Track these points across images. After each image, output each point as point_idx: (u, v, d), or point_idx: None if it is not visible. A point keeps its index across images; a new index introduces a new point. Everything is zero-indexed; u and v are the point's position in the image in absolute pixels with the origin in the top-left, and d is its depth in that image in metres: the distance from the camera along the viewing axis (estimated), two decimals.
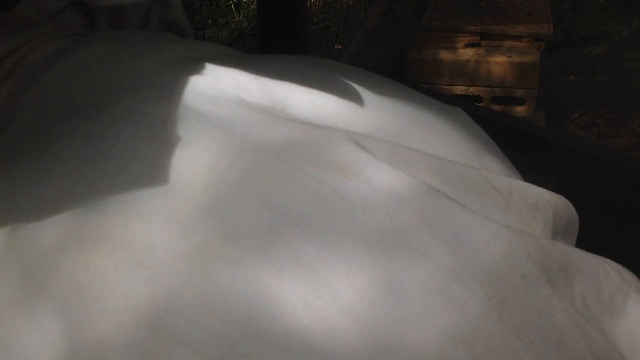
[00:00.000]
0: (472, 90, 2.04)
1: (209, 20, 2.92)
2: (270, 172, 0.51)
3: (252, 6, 2.97)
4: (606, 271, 0.57)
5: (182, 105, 0.57)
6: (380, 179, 0.53)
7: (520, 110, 2.01)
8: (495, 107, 2.02)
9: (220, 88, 0.61)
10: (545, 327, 0.49)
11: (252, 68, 0.66)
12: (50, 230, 0.47)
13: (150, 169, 0.50)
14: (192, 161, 0.51)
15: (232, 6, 2.97)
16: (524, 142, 0.98)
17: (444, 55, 2.03)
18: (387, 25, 2.77)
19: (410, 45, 2.12)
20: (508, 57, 2.00)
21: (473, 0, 2.22)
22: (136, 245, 0.45)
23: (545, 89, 2.35)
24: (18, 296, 0.44)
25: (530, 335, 0.48)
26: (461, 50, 2.04)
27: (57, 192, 0.50)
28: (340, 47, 2.62)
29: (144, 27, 0.88)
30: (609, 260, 0.59)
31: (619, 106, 2.34)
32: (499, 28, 2.06)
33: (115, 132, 0.54)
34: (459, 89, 2.04)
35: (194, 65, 0.64)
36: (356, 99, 0.64)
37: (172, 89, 0.60)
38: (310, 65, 0.72)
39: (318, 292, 0.44)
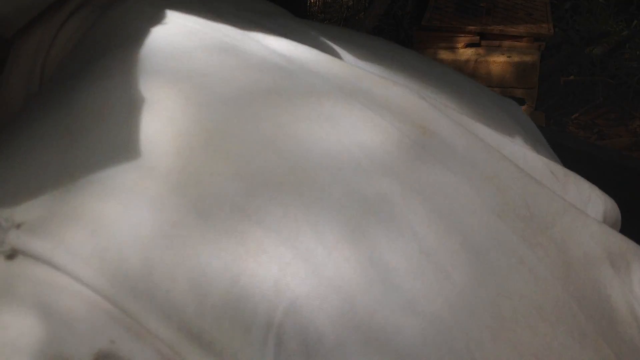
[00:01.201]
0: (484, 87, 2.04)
1: None
2: (242, 129, 0.50)
3: None
4: None
5: (144, 55, 0.56)
6: (361, 131, 0.52)
7: None
8: None
9: (188, 29, 0.59)
10: (603, 306, 0.50)
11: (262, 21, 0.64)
12: (31, 213, 0.46)
13: (121, 136, 0.49)
14: (162, 124, 0.50)
15: None
16: None
17: (444, 55, 2.03)
18: (387, 25, 2.77)
19: (410, 45, 2.12)
20: (508, 57, 2.00)
21: (473, 0, 2.22)
22: (111, 223, 0.45)
23: (545, 89, 2.35)
24: None
25: (591, 309, 0.49)
26: (461, 50, 2.05)
27: (35, 170, 0.49)
28: None
29: None
30: None
31: (619, 106, 2.34)
32: (499, 28, 2.06)
33: (84, 96, 0.53)
34: None
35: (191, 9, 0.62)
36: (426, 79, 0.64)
37: (142, 35, 0.58)
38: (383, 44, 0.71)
39: (292, 264, 0.44)
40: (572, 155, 0.97)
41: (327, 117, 0.52)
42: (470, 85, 0.71)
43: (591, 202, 0.61)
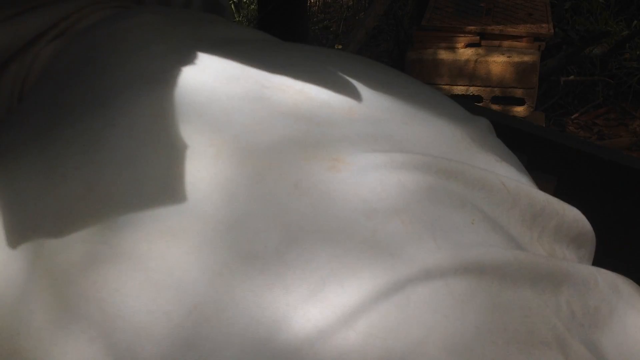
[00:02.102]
0: (472, 90, 2.04)
1: None
2: (280, 177, 0.51)
3: (252, 6, 2.97)
4: (596, 282, 0.57)
5: (184, 100, 0.56)
6: (384, 177, 0.53)
7: (520, 110, 2.01)
8: (495, 107, 2.02)
9: (225, 75, 0.60)
10: (515, 328, 0.49)
11: (273, 56, 0.65)
12: (74, 248, 0.47)
13: (161, 179, 0.50)
14: (202, 172, 0.51)
15: (232, 6, 2.97)
16: (523, 142, 0.97)
17: (444, 55, 2.03)
18: (387, 25, 2.77)
19: (410, 45, 2.12)
20: (508, 57, 2.00)
21: (473, 0, 2.22)
22: (157, 264, 0.45)
23: (545, 89, 2.35)
24: (54, 316, 0.44)
25: (494, 335, 0.48)
26: (461, 50, 2.04)
27: (69, 207, 0.49)
28: (340, 47, 2.62)
29: (187, 5, 0.87)
30: (603, 271, 0.59)
31: (619, 106, 2.34)
32: (499, 28, 2.06)
33: (112, 132, 0.53)
34: (459, 89, 2.04)
35: (218, 50, 0.64)
36: (377, 100, 0.64)
37: (176, 78, 0.59)
38: (338, 59, 0.71)
39: (324, 307, 0.45)
40: (572, 155, 0.97)
41: (347, 166, 0.53)
42: (429, 96, 0.71)
43: (543, 215, 0.60)
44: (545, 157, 0.97)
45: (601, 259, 0.64)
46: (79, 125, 0.55)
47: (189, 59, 0.62)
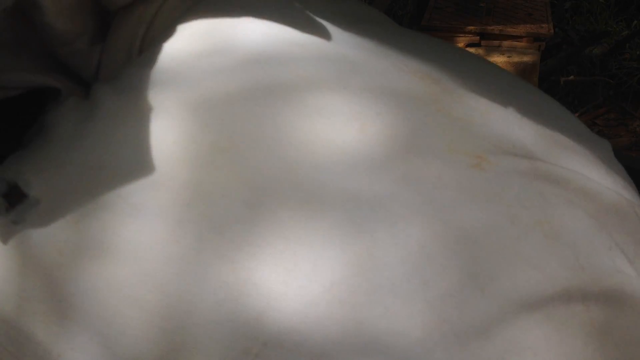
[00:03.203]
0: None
1: None
2: (242, 135, 0.50)
3: None
4: None
5: (160, 66, 0.57)
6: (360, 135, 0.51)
7: None
8: None
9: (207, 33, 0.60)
10: (613, 292, 0.47)
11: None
12: (59, 238, 0.47)
13: (135, 150, 0.50)
14: (168, 136, 0.50)
15: None
16: None
17: None
18: None
19: None
20: (508, 57, 1.99)
21: (473, 0, 2.22)
22: (135, 249, 0.45)
23: (545, 89, 2.35)
24: (49, 310, 0.44)
25: (600, 297, 0.46)
26: None
27: (61, 190, 0.50)
28: None
29: None
30: None
31: (619, 106, 2.34)
32: (499, 28, 2.05)
33: (101, 112, 0.54)
34: None
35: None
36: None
37: (157, 46, 0.59)
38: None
39: (300, 275, 0.44)
40: None
41: (322, 112, 0.52)
42: (564, 116, 0.68)
43: None
44: None
45: None
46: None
47: (179, 21, 0.61)
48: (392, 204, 0.48)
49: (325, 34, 0.61)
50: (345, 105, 0.52)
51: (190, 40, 0.59)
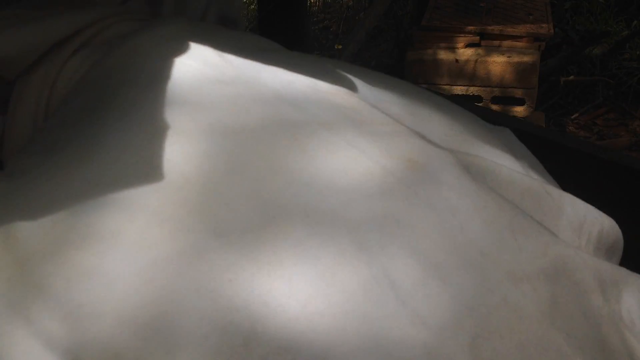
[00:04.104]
0: (472, 90, 2.04)
1: None
2: (256, 157, 0.52)
3: (252, 6, 2.97)
4: None
5: (168, 89, 0.58)
6: (373, 158, 0.53)
7: (520, 110, 2.01)
8: (495, 107, 2.02)
9: (224, 65, 0.62)
10: (594, 336, 0.49)
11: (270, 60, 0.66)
12: (45, 229, 0.47)
13: (143, 162, 0.51)
14: (182, 151, 0.51)
15: None
16: (524, 142, 0.97)
17: (444, 55, 2.03)
18: (387, 25, 2.77)
19: (410, 45, 2.12)
20: (508, 57, 1.99)
21: (473, 0, 2.22)
22: (134, 243, 0.45)
23: (545, 89, 2.35)
24: (16, 295, 0.44)
25: (580, 341, 0.48)
26: (461, 50, 2.04)
27: (54, 190, 0.50)
28: (340, 47, 2.62)
29: (202, 19, 0.89)
30: None
31: (619, 106, 2.34)
32: (499, 28, 2.05)
33: (111, 125, 0.55)
34: (459, 89, 2.04)
35: (191, 45, 0.65)
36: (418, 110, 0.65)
37: (161, 73, 0.60)
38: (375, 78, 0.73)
39: (307, 287, 0.45)
40: (572, 155, 0.97)
41: (331, 148, 0.54)
42: (465, 115, 0.73)
43: (587, 222, 0.61)
44: (545, 157, 0.97)
45: None
46: (86, 128, 0.57)
47: (182, 50, 0.63)
48: (499, 259, 0.49)
49: (343, 83, 0.64)
50: (358, 142, 0.55)
51: (203, 67, 0.61)
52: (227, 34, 0.74)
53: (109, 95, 0.60)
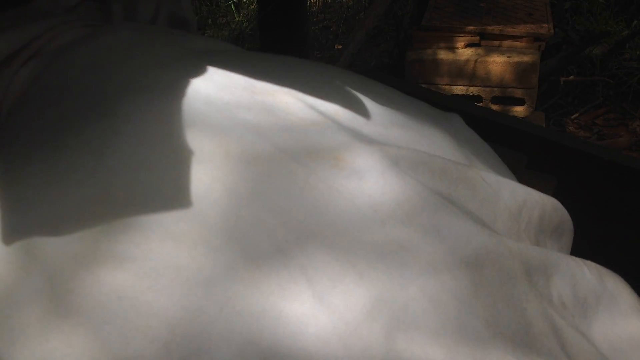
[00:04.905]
0: (472, 90, 2.04)
1: (209, 20, 2.92)
2: (280, 186, 0.52)
3: (252, 6, 2.97)
4: (582, 273, 0.58)
5: (186, 107, 0.57)
6: (384, 185, 0.54)
7: (520, 110, 2.01)
8: (495, 107, 2.02)
9: (224, 84, 0.61)
10: (517, 320, 0.50)
11: (255, 66, 0.66)
12: (71, 246, 0.47)
13: (172, 183, 0.51)
14: (210, 176, 0.52)
15: (232, 6, 2.97)
16: (523, 142, 0.97)
17: (444, 55, 2.03)
18: (387, 25, 2.77)
19: (410, 45, 2.12)
20: (508, 57, 1.99)
21: (473, 0, 2.22)
22: (157, 266, 0.45)
23: (545, 89, 2.35)
24: (47, 312, 0.44)
25: (501, 327, 0.49)
26: (461, 50, 2.04)
27: (72, 207, 0.50)
28: (340, 47, 2.62)
29: (153, 22, 0.89)
30: (589, 262, 0.60)
31: (619, 106, 2.34)
32: (499, 28, 2.06)
33: (123, 139, 0.54)
34: (459, 89, 2.04)
35: (203, 61, 0.64)
36: (357, 104, 0.65)
37: (176, 87, 0.60)
38: (311, 68, 0.73)
39: (325, 311, 0.46)
40: (572, 155, 0.97)
41: (351, 173, 0.54)
42: (413, 104, 0.73)
43: (526, 206, 0.62)
44: (545, 157, 0.97)
45: (601, 258, 0.64)
46: (84, 136, 0.56)
47: (177, 70, 0.63)
48: (420, 251, 0.50)
49: (354, 106, 0.65)
50: (373, 165, 0.55)
51: (216, 89, 0.60)
52: (195, 40, 0.74)
53: (97, 103, 0.59)
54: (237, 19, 2.92)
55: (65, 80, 0.64)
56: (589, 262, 0.60)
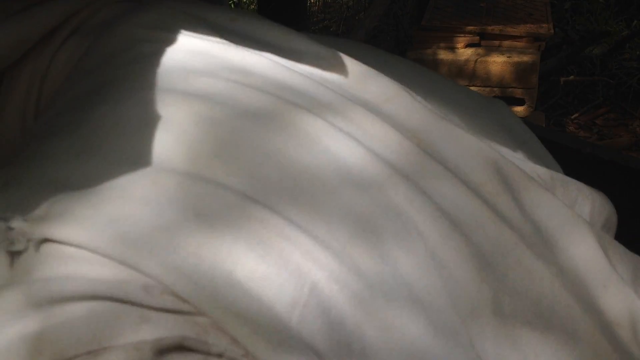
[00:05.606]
0: (472, 90, 2.04)
1: None
2: (245, 146, 0.52)
3: (252, 6, 2.97)
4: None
5: (166, 75, 0.58)
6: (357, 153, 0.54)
7: (520, 110, 2.01)
8: None
9: (211, 53, 0.61)
10: (596, 308, 0.54)
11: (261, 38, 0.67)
12: (55, 208, 0.47)
13: (136, 148, 0.51)
14: (175, 138, 0.52)
15: (232, 6, 2.97)
16: None
17: (444, 55, 2.03)
18: (387, 25, 2.77)
19: (410, 45, 2.12)
20: (508, 57, 2.00)
21: (473, 0, 2.22)
22: (116, 220, 0.45)
23: (545, 89, 2.35)
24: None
25: (586, 305, 0.52)
26: (461, 50, 2.05)
27: (53, 175, 0.50)
28: None
29: None
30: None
31: (619, 106, 2.34)
32: (499, 28, 2.06)
33: (107, 110, 0.55)
34: None
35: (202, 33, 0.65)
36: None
37: (157, 57, 0.60)
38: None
39: (313, 251, 0.46)
40: (572, 155, 0.97)
41: (326, 133, 0.54)
42: (456, 90, 0.73)
43: (578, 203, 0.64)
44: None
45: None
46: (74, 115, 0.57)
47: (169, 40, 0.63)
48: (402, 205, 0.51)
49: (325, 65, 0.64)
50: (354, 125, 0.56)
51: (198, 57, 0.60)
52: (222, 14, 0.72)
53: (102, 84, 0.59)
54: None
55: (100, 62, 0.63)
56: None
